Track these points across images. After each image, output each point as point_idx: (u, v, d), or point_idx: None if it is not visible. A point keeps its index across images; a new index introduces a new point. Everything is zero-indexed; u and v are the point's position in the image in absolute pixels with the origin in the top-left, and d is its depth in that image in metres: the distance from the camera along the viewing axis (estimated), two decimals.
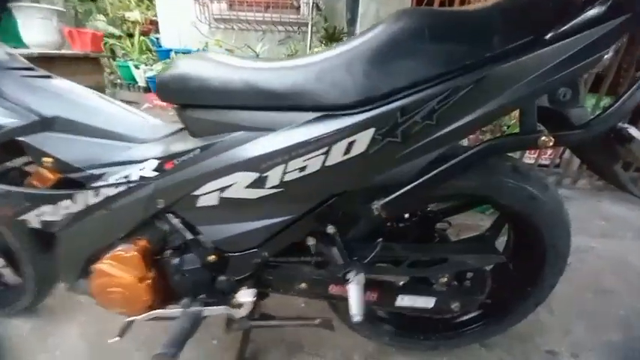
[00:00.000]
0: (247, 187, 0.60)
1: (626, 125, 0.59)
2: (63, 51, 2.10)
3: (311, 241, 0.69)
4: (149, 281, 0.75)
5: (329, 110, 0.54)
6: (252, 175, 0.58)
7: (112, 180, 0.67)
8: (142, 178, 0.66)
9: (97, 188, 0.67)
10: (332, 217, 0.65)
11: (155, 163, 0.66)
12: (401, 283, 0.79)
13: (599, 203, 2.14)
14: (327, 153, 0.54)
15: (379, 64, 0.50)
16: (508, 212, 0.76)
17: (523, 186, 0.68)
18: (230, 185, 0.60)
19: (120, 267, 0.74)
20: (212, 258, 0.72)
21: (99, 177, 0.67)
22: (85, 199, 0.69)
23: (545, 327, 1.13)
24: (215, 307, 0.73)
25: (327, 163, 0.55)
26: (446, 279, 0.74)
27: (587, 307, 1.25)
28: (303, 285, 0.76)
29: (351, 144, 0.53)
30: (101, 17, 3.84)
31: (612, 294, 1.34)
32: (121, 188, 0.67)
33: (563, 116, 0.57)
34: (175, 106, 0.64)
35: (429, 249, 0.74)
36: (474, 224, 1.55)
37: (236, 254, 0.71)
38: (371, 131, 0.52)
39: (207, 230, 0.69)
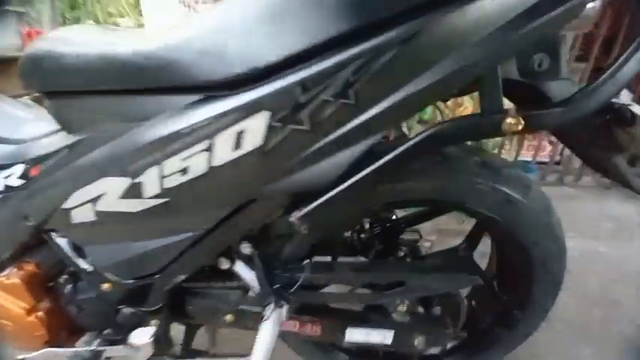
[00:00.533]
0: (122, 197, 0.45)
1: (627, 102, 0.44)
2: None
3: (225, 265, 0.54)
4: (40, 313, 0.61)
5: (211, 91, 0.39)
6: (124, 182, 0.44)
7: None
8: (7, 187, 0.52)
9: None
10: (244, 233, 0.50)
11: (22, 168, 0.52)
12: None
13: (606, 202, 1.95)
14: (210, 149, 0.39)
15: (268, 23, 0.36)
16: (483, 220, 0.60)
17: (496, 187, 0.52)
18: (101, 195, 0.46)
19: (3, 296, 0.60)
20: (106, 287, 0.57)
21: None
22: None
23: (544, 352, 0.96)
24: (113, 347, 0.58)
25: (215, 163, 0.40)
26: (405, 307, 0.58)
27: (595, 325, 1.08)
28: (229, 317, 0.61)
29: (241, 135, 0.38)
30: (91, 22, 3.77)
31: (623, 307, 1.16)
32: None
33: (539, 91, 0.42)
34: (41, 95, 0.50)
35: (379, 269, 0.58)
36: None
37: (133, 282, 0.56)
38: (264, 116, 0.37)
39: (94, 253, 0.55)
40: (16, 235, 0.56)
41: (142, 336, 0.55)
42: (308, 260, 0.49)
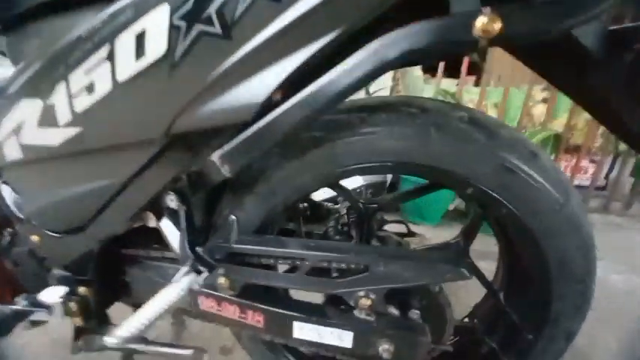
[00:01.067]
0: (40, 125, 0.41)
1: None
2: None
3: (152, 222, 0.46)
4: None
5: None
6: (37, 104, 0.39)
7: None
8: None
9: None
10: (168, 183, 0.42)
11: None
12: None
13: None
14: (111, 57, 0.34)
15: None
16: (480, 203, 0.48)
17: (489, 150, 0.41)
18: (21, 124, 0.42)
19: None
20: (36, 239, 0.52)
21: None
22: None
23: None
24: (31, 309, 0.51)
25: (119, 77, 0.34)
26: (370, 301, 0.46)
27: None
28: None
29: (142, 38, 0.32)
30: None
31: None
32: None
33: None
34: None
35: (335, 249, 0.47)
36: None
37: (59, 236, 0.50)
38: (164, 12, 0.31)
39: (24, 198, 0.50)
40: None
41: (52, 295, 0.48)
42: (234, 217, 0.40)
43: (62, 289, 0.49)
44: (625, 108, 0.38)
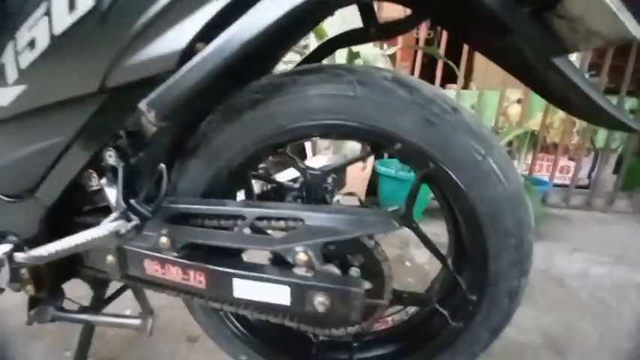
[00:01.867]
0: None
1: None
2: None
3: (94, 180, 0.48)
4: None
5: None
6: None
7: None
8: None
9: None
10: (108, 138, 0.45)
11: None
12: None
13: None
14: (49, 12, 0.37)
15: None
16: (406, 156, 0.50)
17: (411, 104, 0.44)
18: None
19: None
20: None
21: None
22: None
23: None
24: None
25: (55, 30, 0.38)
26: (306, 257, 0.47)
27: None
28: (110, 258, 0.53)
29: None
30: None
31: None
32: None
33: None
34: None
35: (277, 207, 0.48)
36: None
37: (11, 200, 0.52)
38: None
39: None
40: None
41: None
42: (163, 166, 0.42)
43: (7, 246, 0.50)
44: (538, 64, 0.41)
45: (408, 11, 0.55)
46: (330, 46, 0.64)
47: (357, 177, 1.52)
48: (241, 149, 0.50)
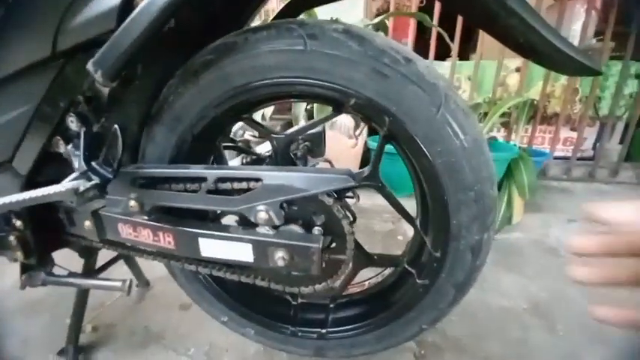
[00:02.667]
0: None
1: None
2: None
3: (61, 147, 0.50)
4: None
5: None
6: None
7: None
8: None
9: None
10: (68, 104, 0.46)
11: None
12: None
13: None
14: None
15: None
16: (362, 112, 0.49)
17: (362, 55, 0.43)
18: None
19: None
20: None
21: None
22: None
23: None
24: None
25: None
26: (267, 216, 0.48)
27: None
28: (88, 224, 0.56)
29: None
30: None
31: None
32: None
33: None
34: None
35: (237, 168, 0.49)
36: None
37: None
38: None
39: None
40: None
41: None
42: (116, 126, 0.43)
43: None
44: (498, 9, 0.40)
45: None
46: (293, 8, 0.62)
47: (349, 153, 1.51)
48: (201, 113, 0.51)
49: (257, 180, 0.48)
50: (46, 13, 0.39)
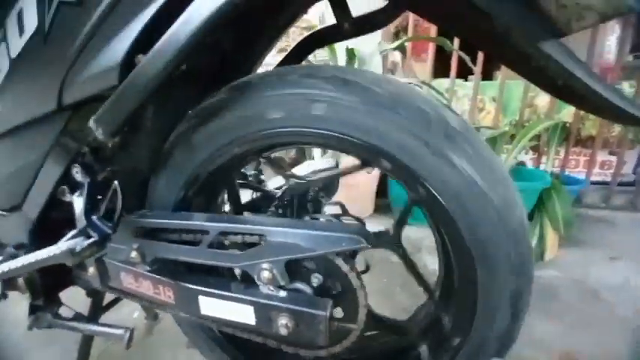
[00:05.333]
0: None
1: None
2: None
3: (66, 196, 0.49)
4: None
5: None
6: None
7: None
8: None
9: None
10: (73, 156, 0.46)
11: None
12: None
13: None
14: (5, 38, 0.38)
15: None
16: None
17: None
18: None
19: None
20: None
21: None
22: None
23: None
24: None
25: (12, 54, 0.39)
26: (271, 275, 0.44)
27: None
28: (92, 271, 0.55)
29: (21, 16, 0.36)
30: None
31: None
32: None
33: None
34: None
35: (239, 221, 0.46)
36: None
37: (4, 214, 0.55)
38: None
39: None
40: None
41: None
42: (116, 182, 0.41)
43: None
44: (531, 52, 0.35)
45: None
46: (307, 45, 0.60)
47: (365, 180, 1.46)
48: (216, 153, 0.47)
49: (261, 235, 0.44)
50: (51, 68, 0.39)
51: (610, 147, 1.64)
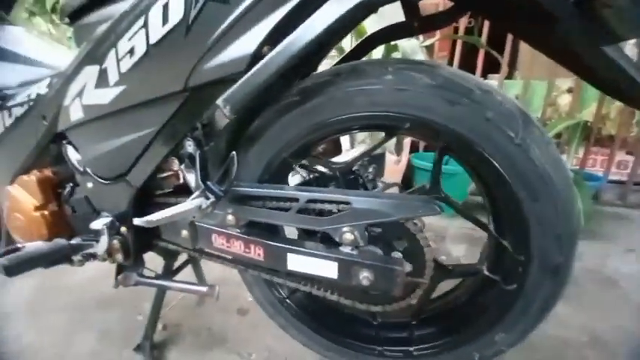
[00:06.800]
0: (96, 87, 0.54)
1: None
2: None
3: (175, 165, 0.57)
4: (45, 212, 0.72)
5: None
6: (95, 70, 0.53)
7: (19, 99, 0.69)
8: (37, 95, 0.67)
9: (9, 108, 0.70)
10: (188, 130, 0.53)
11: (48, 80, 0.66)
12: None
13: None
14: (146, 25, 0.45)
15: None
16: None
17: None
18: (84, 87, 0.56)
19: (21, 192, 0.73)
20: (90, 186, 0.66)
21: (11, 97, 0.71)
22: (2, 120, 0.72)
23: None
24: (83, 243, 0.65)
25: (152, 40, 0.46)
26: (352, 237, 0.52)
27: None
28: (185, 233, 0.63)
29: (167, 8, 0.44)
30: None
31: None
32: (25, 107, 0.68)
33: None
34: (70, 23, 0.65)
35: (326, 191, 0.53)
36: None
37: (107, 182, 0.63)
38: None
39: (84, 153, 0.65)
40: (37, 137, 0.69)
41: (99, 223, 0.61)
42: (234, 152, 0.49)
43: (107, 219, 0.61)
44: (585, 52, 0.41)
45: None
46: (369, 42, 0.67)
47: (392, 170, 1.53)
48: (289, 141, 0.55)
49: (346, 203, 0.52)
50: (186, 55, 0.46)
51: (628, 147, 1.68)
